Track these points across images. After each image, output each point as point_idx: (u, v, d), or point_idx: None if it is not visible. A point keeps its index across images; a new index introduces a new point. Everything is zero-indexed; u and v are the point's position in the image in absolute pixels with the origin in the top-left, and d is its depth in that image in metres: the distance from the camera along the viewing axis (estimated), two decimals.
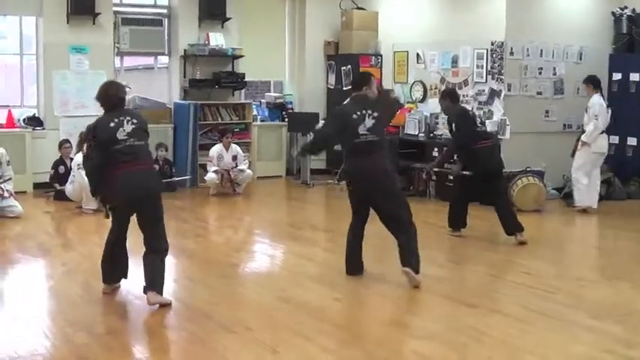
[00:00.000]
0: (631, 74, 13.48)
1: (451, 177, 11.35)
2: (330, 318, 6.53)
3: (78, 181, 11.37)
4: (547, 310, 6.76)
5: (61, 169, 12.43)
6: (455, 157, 10.30)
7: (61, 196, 12.07)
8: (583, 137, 11.69)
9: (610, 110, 11.81)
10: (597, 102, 11.66)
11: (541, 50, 13.02)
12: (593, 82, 11.82)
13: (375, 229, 7.80)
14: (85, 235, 10.28)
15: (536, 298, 7.18)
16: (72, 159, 11.94)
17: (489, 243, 9.49)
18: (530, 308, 6.81)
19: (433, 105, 13.59)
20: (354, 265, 7.84)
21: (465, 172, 9.81)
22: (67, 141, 12.64)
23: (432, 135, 13.45)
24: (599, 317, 6.57)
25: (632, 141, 13.46)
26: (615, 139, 13.59)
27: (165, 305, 6.68)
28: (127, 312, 6.57)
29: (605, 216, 11.72)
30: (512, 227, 9.38)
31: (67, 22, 13.34)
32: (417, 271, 7.35)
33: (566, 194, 12.48)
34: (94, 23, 13.49)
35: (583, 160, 11.74)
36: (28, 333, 6.08)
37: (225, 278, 7.90)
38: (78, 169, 11.39)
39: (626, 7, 13.68)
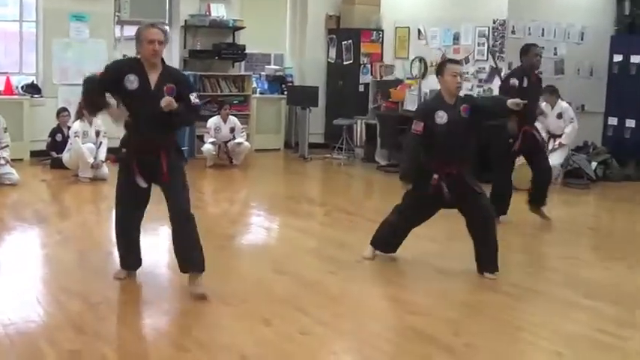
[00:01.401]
0: (632, 56, 13.51)
1: None
2: (325, 291, 6.53)
3: (75, 149, 11.36)
4: (540, 288, 6.78)
5: (59, 137, 12.40)
6: None
7: (57, 164, 12.06)
8: (563, 140, 12.23)
9: None
10: (568, 106, 12.26)
11: (542, 29, 13.01)
12: (556, 92, 12.23)
13: (372, 204, 7.79)
14: (81, 203, 10.28)
15: (530, 276, 7.20)
16: (69, 127, 11.92)
17: None
18: (523, 286, 6.82)
19: (433, 81, 13.55)
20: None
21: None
22: (65, 109, 12.61)
23: None
24: (593, 297, 6.58)
25: (630, 123, 13.50)
26: (614, 121, 13.64)
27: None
28: (121, 282, 6.56)
29: (601, 197, 11.75)
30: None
31: None
32: None
33: (565, 174, 12.46)
34: None
35: (559, 157, 12.22)
36: (22, 300, 6.06)
37: (221, 250, 7.89)
38: (75, 137, 11.39)
39: None
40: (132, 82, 6.15)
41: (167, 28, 6.55)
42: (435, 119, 6.91)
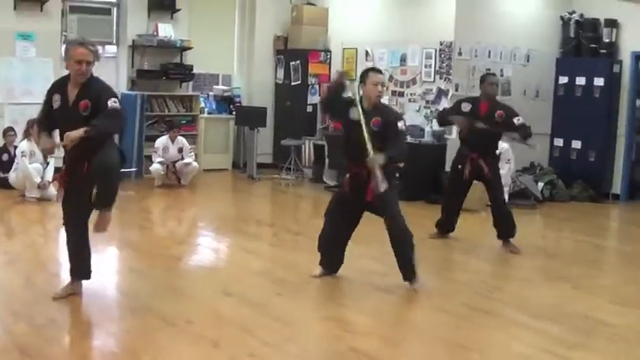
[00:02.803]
0: (577, 78, 13.69)
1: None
2: (272, 313, 6.51)
3: (21, 169, 11.24)
4: (488, 309, 6.82)
5: (5, 156, 12.21)
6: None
7: (3, 184, 11.89)
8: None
9: None
10: (508, 147, 11.69)
11: (489, 51, 13.15)
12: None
13: (320, 225, 7.79)
14: (28, 224, 10.16)
15: (478, 296, 7.24)
16: (16, 147, 11.78)
17: (432, 241, 9.49)
18: (470, 306, 6.87)
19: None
20: None
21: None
22: (11, 129, 12.42)
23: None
24: (539, 317, 6.64)
25: (576, 144, 13.67)
26: (560, 142, 13.82)
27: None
28: (68, 303, 6.49)
29: (547, 217, 11.87)
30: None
31: (14, 9, 13.07)
32: None
33: (511, 194, 12.53)
34: (41, 10, 13.27)
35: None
36: None
37: (168, 271, 7.85)
38: (22, 157, 11.27)
39: (574, 12, 13.87)
40: (56, 101, 6.23)
41: (97, 47, 6.37)
42: (349, 114, 7.41)
